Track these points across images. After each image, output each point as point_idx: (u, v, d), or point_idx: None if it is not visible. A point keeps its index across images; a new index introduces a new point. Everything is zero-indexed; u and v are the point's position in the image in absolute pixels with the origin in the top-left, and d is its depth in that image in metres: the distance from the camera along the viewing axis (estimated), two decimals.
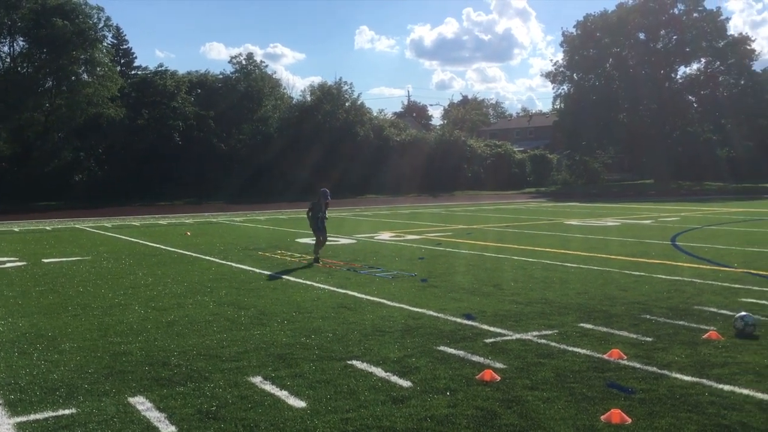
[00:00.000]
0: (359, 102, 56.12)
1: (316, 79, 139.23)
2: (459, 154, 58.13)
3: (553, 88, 66.60)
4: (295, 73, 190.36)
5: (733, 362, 6.63)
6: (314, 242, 15.05)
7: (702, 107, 62.82)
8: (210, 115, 50.14)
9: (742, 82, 61.36)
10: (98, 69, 45.45)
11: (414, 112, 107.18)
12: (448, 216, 29.91)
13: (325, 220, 14.95)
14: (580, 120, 59.98)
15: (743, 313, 7.86)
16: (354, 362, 6.89)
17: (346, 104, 54.76)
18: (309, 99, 54.75)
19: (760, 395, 5.69)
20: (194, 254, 16.19)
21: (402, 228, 23.49)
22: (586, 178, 64.38)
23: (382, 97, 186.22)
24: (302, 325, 8.59)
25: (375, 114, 61.52)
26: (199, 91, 53.35)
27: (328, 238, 15.44)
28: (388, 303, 9.95)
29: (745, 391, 5.78)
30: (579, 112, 60.70)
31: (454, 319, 8.83)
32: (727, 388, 5.89)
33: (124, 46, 55.38)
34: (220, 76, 55.36)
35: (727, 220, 24.43)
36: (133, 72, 54.30)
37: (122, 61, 54.31)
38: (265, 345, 7.60)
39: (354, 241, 19.01)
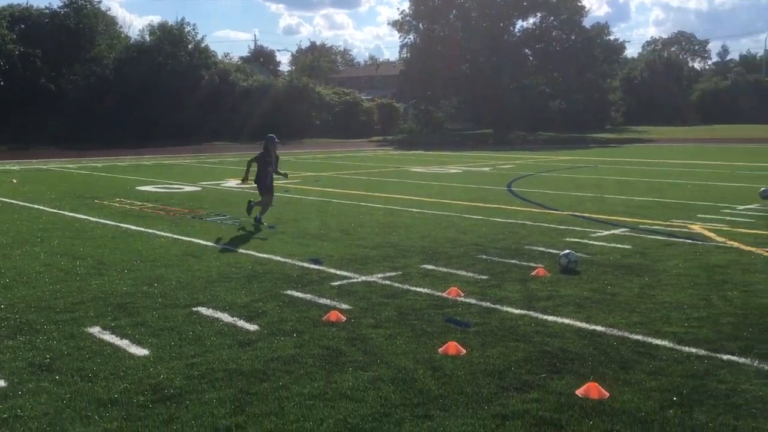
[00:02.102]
0: (203, 45, 53.77)
1: (156, 19, 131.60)
2: (308, 102, 57.55)
3: (399, 38, 67.34)
4: (131, 11, 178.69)
5: (557, 295, 7.23)
6: (259, 201, 12.32)
7: (537, 60, 66.19)
8: (36, 53, 46.01)
9: (573, 38, 65.19)
10: None
11: (261, 58, 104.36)
12: (297, 163, 29.74)
13: (275, 173, 12.44)
14: (426, 70, 61.27)
15: (567, 251, 8.56)
16: (199, 309, 6.80)
17: (189, 46, 52.24)
18: (148, 39, 51.64)
19: (578, 324, 6.26)
20: (21, 203, 15.03)
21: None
22: (430, 128, 66.21)
23: (227, 41, 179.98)
24: (144, 273, 8.30)
25: (220, 58, 59.42)
26: (23, 26, 48.65)
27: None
28: (235, 250, 9.84)
29: (566, 321, 6.35)
30: (425, 62, 61.93)
31: (301, 263, 8.90)
32: (550, 318, 6.43)
33: None
34: (47, 11, 50.72)
35: (556, 167, 26.20)
36: None
37: None
38: (103, 295, 7.29)
39: (199, 189, 18.47)
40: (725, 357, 5.37)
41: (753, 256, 9.15)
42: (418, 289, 7.52)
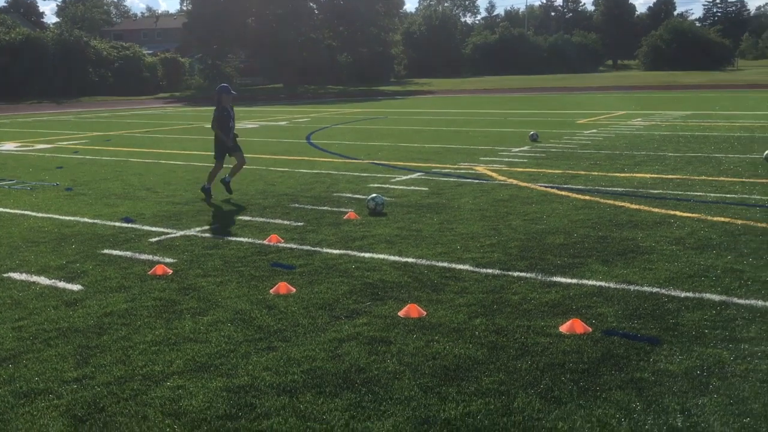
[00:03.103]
0: None
1: None
2: (83, 57, 53.45)
3: None
4: None
5: (369, 235, 7.86)
6: (214, 167, 10.50)
7: (323, 14, 66.83)
8: None
9: None
10: None
11: (21, 8, 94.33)
12: (80, 123, 27.86)
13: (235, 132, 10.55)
14: (210, 23, 59.37)
15: (374, 195, 9.22)
16: (11, 275, 6.52)
17: None
18: None
19: (392, 257, 6.92)
20: None
21: (27, 137, 21.34)
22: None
23: None
24: None
25: None
26: None
27: None
28: (34, 214, 9.34)
29: (381, 256, 6.98)
30: (208, 14, 59.93)
31: (112, 223, 8.71)
32: (367, 255, 7.03)
33: None
34: None
35: (349, 119, 27.11)
36: None
37: None
38: None
39: None
40: (515, 274, 6.30)
41: (529, 190, 10.47)
42: (239, 239, 7.77)
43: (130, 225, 8.59)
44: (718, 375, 4.16)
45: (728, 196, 9.57)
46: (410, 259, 6.83)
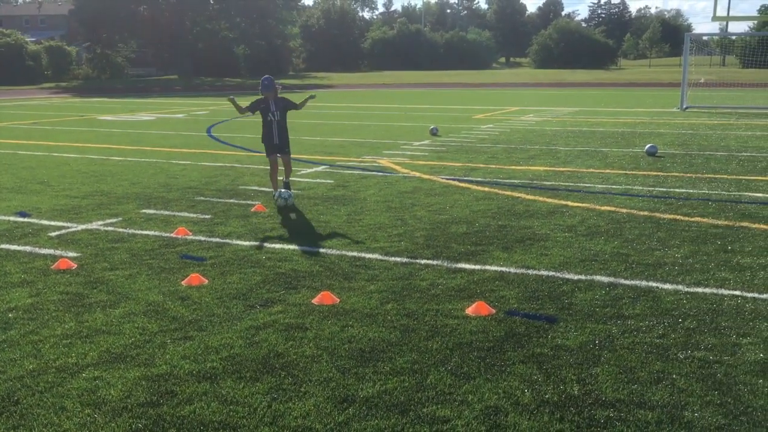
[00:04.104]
0: None
1: None
2: None
3: None
4: None
5: (279, 227, 7.94)
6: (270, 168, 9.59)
7: (218, 4, 65.40)
8: None
9: None
10: None
11: None
12: None
13: (297, 108, 9.67)
14: (99, 10, 56.94)
15: (282, 190, 9.28)
16: None
17: None
18: None
19: (302, 248, 7.04)
20: None
21: None
22: (110, 73, 62.06)
23: None
24: None
25: None
26: None
27: None
28: None
29: (292, 247, 7.09)
30: (97, 1, 57.44)
31: (6, 218, 8.37)
32: (278, 246, 7.12)
33: None
34: None
35: None
36: None
37: None
38: None
39: None
40: (422, 261, 6.58)
41: (432, 182, 10.83)
42: (145, 232, 7.66)
43: (25, 219, 8.28)
44: (608, 348, 4.57)
45: (614, 186, 10.28)
46: (320, 249, 6.98)
